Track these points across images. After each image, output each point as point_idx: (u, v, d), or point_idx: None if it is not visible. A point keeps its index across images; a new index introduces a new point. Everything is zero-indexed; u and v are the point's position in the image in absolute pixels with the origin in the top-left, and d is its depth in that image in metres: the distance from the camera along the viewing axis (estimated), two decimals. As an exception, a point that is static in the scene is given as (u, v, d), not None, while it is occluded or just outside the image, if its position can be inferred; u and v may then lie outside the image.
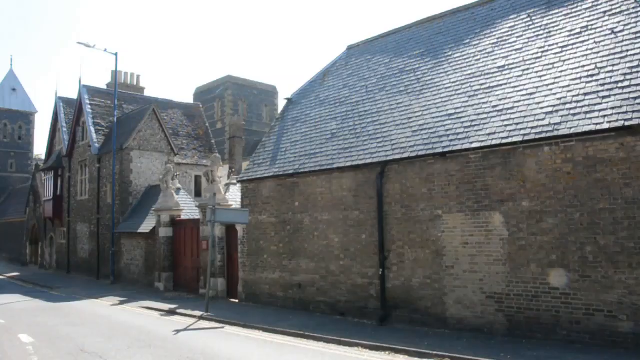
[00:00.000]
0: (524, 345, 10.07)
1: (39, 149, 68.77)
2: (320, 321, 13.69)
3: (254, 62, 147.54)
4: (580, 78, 11.18)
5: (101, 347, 11.15)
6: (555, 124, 10.58)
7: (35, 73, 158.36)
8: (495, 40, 14.53)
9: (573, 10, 13.28)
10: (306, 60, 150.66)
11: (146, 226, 24.17)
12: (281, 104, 38.18)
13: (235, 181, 23.35)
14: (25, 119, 60.88)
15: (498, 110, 12.11)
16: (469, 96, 13.30)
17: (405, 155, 13.05)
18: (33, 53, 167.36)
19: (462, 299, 11.72)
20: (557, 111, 10.84)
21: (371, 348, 10.63)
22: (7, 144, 59.07)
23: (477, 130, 12.02)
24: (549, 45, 12.82)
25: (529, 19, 14.25)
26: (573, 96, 10.88)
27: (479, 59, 14.34)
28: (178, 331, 13.13)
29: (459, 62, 14.84)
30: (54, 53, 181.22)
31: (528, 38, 13.64)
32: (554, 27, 13.30)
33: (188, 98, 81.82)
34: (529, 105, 11.57)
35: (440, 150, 12.33)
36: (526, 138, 10.81)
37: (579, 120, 10.27)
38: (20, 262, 44.29)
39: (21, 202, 47.73)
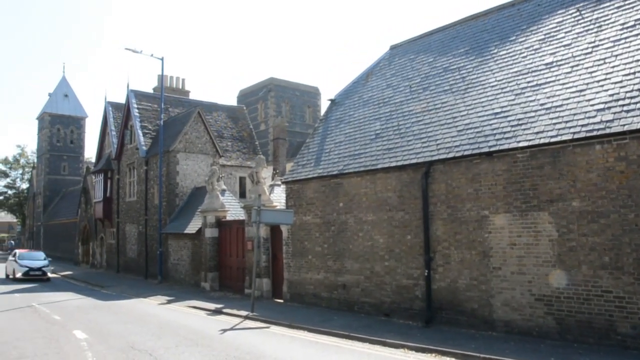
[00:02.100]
0: (576, 350, 9.78)
1: (89, 152, 71.23)
2: (365, 322, 13.66)
3: (296, 64, 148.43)
4: (634, 73, 10.75)
5: (151, 345, 11.45)
6: (607, 122, 10.22)
7: (81, 78, 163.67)
8: (543, 37, 14.16)
9: (626, 2, 12.79)
10: (349, 61, 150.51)
11: (192, 227, 24.67)
12: (324, 105, 38.38)
13: (279, 182, 23.56)
14: (76, 123, 63.33)
15: (546, 108, 11.79)
16: (516, 94, 13.01)
17: (451, 155, 12.88)
18: (78, 57, 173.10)
19: (510, 301, 11.48)
20: (609, 108, 10.48)
21: (417, 350, 10.53)
22: (60, 148, 61.62)
23: (524, 129, 11.74)
24: (600, 40, 12.40)
25: (578, 13, 13.83)
26: (626, 92, 10.49)
27: (525, 56, 14.01)
28: (224, 330, 13.34)
29: (505, 60, 14.54)
30: (100, 57, 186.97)
31: (577, 33, 13.24)
32: (605, 20, 12.86)
33: (232, 100, 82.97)
34: (578, 102, 11.22)
35: (486, 149, 12.11)
36: (576, 136, 10.48)
37: (633, 117, 9.88)
38: (73, 262, 45.98)
39: (73, 203, 49.61)
